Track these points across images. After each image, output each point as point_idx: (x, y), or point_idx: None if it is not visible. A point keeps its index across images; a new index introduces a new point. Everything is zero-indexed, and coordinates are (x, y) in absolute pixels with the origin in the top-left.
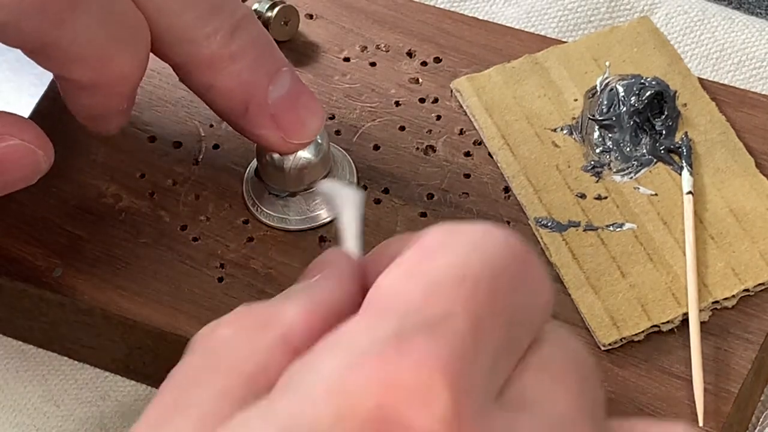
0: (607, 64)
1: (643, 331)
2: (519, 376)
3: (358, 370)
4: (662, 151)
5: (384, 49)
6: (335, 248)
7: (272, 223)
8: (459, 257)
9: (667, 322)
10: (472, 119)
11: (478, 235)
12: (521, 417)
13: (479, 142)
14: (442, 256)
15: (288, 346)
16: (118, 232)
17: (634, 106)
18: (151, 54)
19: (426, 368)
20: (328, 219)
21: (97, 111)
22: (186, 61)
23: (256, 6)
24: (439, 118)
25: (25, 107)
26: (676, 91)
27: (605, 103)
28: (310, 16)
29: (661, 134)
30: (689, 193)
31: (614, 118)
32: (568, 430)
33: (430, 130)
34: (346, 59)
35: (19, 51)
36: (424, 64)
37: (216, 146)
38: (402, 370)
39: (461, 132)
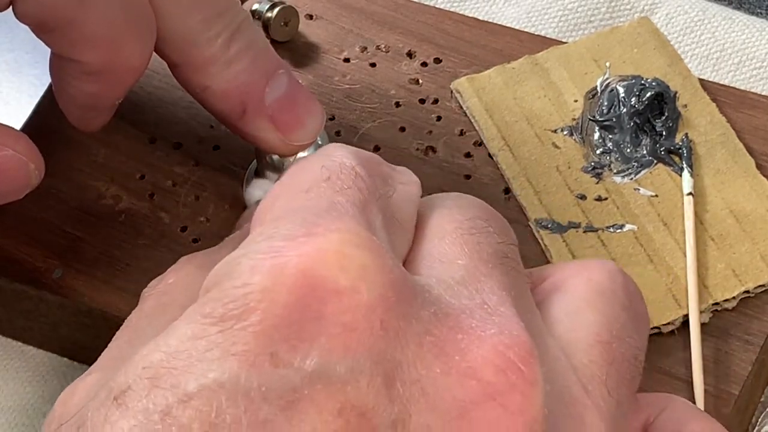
0: (608, 64)
1: None
2: (416, 249)
3: (277, 253)
4: (662, 152)
5: (384, 49)
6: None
7: None
8: (318, 167)
9: (668, 323)
10: (473, 120)
11: (328, 151)
12: (428, 280)
13: (479, 143)
14: (303, 171)
15: None
16: (118, 234)
17: (634, 107)
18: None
19: (336, 237)
20: None
21: (93, 101)
22: (185, 61)
23: (256, 6)
24: (439, 118)
25: (25, 107)
26: (676, 92)
27: (605, 104)
28: (310, 17)
29: (661, 135)
30: (689, 194)
31: (614, 119)
32: (473, 279)
33: (430, 131)
34: (346, 60)
35: (18, 52)
36: (424, 64)
37: (216, 147)
38: (316, 244)
39: (461, 133)
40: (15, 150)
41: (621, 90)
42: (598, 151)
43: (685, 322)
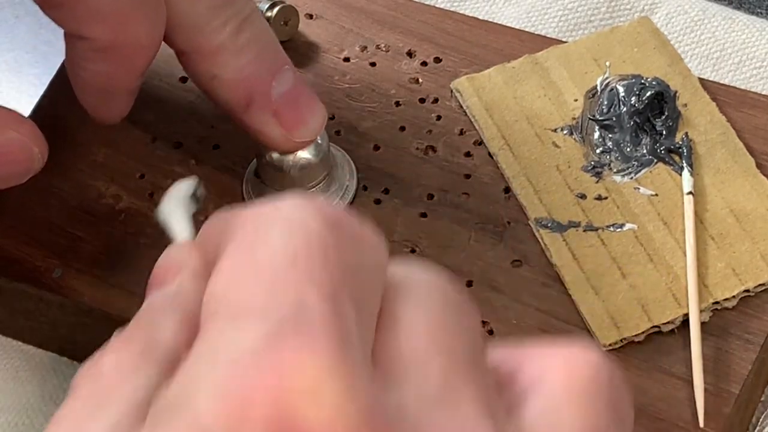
0: (608, 64)
1: (643, 332)
2: (384, 343)
3: (241, 376)
4: (662, 152)
5: (384, 49)
6: (174, 245)
7: None
8: (282, 239)
9: (668, 322)
10: (473, 119)
11: (290, 212)
12: (403, 396)
13: (479, 143)
14: (264, 244)
15: (173, 365)
16: (118, 233)
17: (634, 106)
18: None
19: (308, 363)
20: None
21: (105, 82)
22: (193, 49)
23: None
24: (439, 118)
25: (25, 107)
26: (676, 92)
27: (605, 103)
28: (310, 16)
29: (661, 134)
30: (689, 193)
31: (614, 119)
32: (449, 392)
33: (430, 131)
34: (346, 59)
35: (18, 52)
36: (424, 64)
37: (216, 146)
38: (286, 367)
39: (461, 132)
40: (19, 133)
41: (621, 89)
42: (598, 151)
43: (685, 321)
